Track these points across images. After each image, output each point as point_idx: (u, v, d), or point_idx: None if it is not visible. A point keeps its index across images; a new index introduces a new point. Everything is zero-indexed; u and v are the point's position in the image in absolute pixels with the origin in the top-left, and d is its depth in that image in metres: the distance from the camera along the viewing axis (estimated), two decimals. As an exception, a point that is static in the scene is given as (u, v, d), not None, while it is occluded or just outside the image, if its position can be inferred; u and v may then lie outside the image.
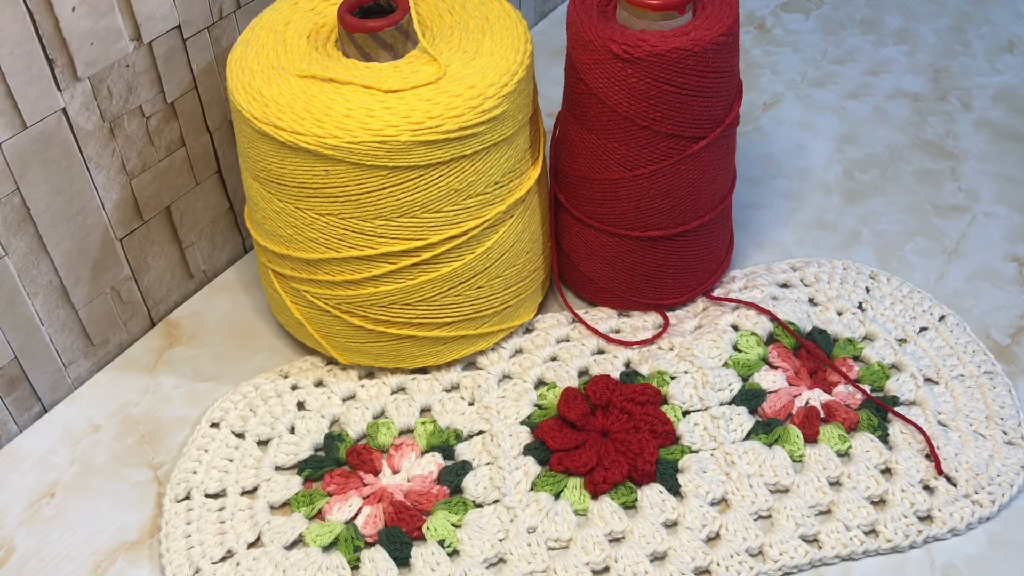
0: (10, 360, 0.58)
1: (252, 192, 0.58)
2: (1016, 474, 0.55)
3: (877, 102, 0.83)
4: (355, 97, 0.53)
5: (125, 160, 0.59)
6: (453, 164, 0.53)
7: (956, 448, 0.56)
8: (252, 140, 0.54)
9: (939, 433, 0.57)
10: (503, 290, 0.60)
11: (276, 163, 0.54)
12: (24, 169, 0.53)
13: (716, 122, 0.59)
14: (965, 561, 0.53)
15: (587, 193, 0.61)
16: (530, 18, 0.91)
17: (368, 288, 0.57)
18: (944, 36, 0.90)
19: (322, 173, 0.53)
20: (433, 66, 0.54)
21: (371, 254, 0.55)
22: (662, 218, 0.61)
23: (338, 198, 0.54)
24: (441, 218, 0.55)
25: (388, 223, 0.54)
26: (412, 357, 0.60)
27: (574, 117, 0.60)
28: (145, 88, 0.58)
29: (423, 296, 0.57)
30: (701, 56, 0.55)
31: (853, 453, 0.57)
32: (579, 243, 0.64)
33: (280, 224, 0.56)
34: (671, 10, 0.55)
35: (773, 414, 0.58)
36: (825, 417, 0.58)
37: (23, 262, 0.56)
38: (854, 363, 0.62)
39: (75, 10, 0.52)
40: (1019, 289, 0.67)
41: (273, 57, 0.55)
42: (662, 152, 0.58)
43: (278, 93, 0.53)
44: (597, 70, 0.57)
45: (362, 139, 0.51)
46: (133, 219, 0.61)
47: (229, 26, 0.62)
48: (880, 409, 0.58)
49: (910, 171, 0.77)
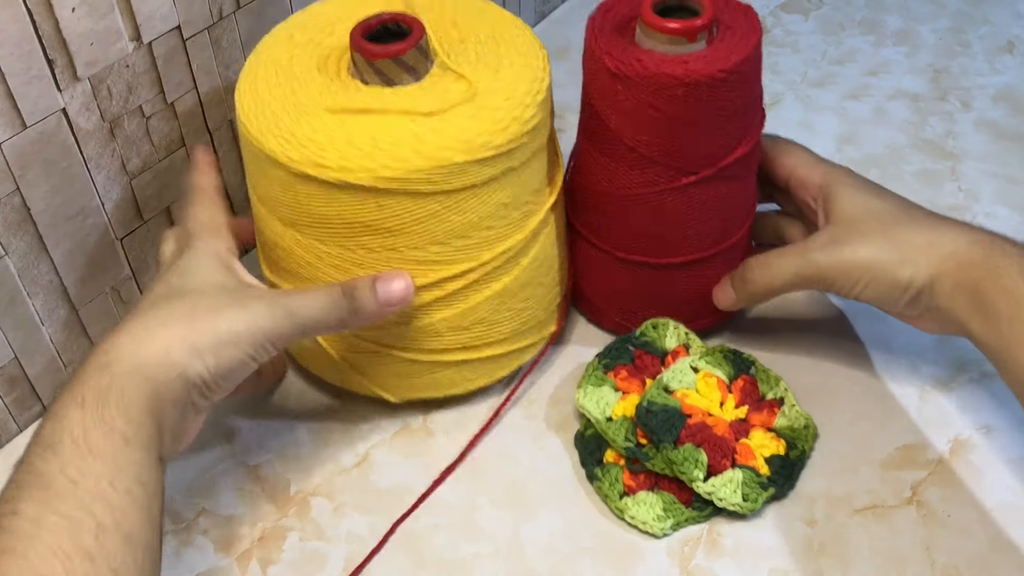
0: (10, 360, 0.58)
1: (285, 240, 0.54)
2: None
3: (877, 102, 0.83)
4: (397, 124, 0.50)
5: (125, 160, 0.59)
6: (502, 178, 0.52)
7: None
8: (288, 185, 0.51)
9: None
10: (544, 297, 0.60)
11: (321, 205, 0.51)
12: (24, 169, 0.53)
13: (711, 160, 0.56)
14: (965, 561, 0.53)
15: (581, 200, 0.61)
16: (530, 18, 0.91)
17: (422, 319, 0.55)
18: (944, 36, 0.90)
19: (374, 208, 0.51)
20: (462, 83, 0.53)
21: (426, 282, 0.54)
22: (645, 245, 0.60)
23: (392, 231, 0.51)
24: (493, 234, 0.54)
25: (443, 247, 0.53)
26: (465, 382, 0.59)
27: (581, 125, 0.59)
28: (145, 88, 0.58)
29: (477, 317, 0.56)
30: (692, 88, 0.53)
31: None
32: (571, 252, 0.63)
33: (323, 269, 0.54)
34: (679, 36, 0.53)
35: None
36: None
37: (23, 262, 0.56)
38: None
39: (75, 11, 0.52)
40: (1019, 289, 0.67)
41: (290, 95, 0.53)
42: (649, 178, 0.57)
43: (313, 132, 0.50)
44: (595, 81, 0.56)
45: (417, 166, 0.49)
46: (133, 219, 0.61)
47: (229, 26, 0.62)
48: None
49: (910, 171, 0.77)
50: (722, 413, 0.58)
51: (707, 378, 0.59)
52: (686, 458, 0.54)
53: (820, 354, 0.63)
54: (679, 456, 0.54)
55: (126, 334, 0.46)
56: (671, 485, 0.55)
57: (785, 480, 0.56)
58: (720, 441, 0.55)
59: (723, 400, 0.58)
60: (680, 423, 0.55)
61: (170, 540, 0.55)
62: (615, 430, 0.56)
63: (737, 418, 0.58)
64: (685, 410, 0.56)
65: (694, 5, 0.55)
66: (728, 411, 0.58)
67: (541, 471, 0.58)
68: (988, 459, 0.58)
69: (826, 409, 0.60)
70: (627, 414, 0.57)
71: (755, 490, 0.54)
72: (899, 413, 0.60)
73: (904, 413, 0.60)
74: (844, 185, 0.58)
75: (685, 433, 0.55)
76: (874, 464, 0.58)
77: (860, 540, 0.54)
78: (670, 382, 0.58)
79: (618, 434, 0.56)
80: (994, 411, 0.60)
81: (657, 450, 0.55)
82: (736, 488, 0.54)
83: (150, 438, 0.44)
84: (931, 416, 0.60)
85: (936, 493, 0.56)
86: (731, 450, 0.56)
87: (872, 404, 0.61)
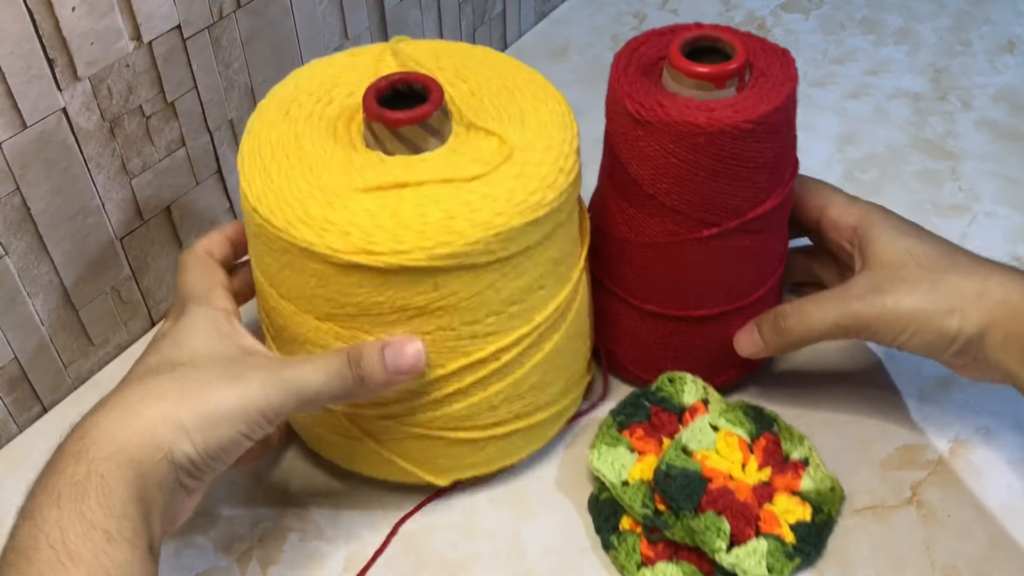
0: (10, 360, 0.58)
1: (320, 335, 0.49)
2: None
3: (877, 102, 0.83)
4: (442, 196, 0.46)
5: (125, 160, 0.59)
6: (553, 234, 0.49)
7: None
8: (327, 278, 0.47)
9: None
10: (585, 346, 0.57)
11: (368, 293, 0.47)
12: (24, 169, 0.53)
13: (736, 212, 0.53)
14: (965, 561, 0.53)
15: (600, 244, 0.57)
16: (530, 18, 0.91)
17: (477, 395, 0.51)
18: (944, 36, 0.90)
19: (430, 287, 0.47)
20: (491, 139, 0.50)
21: (483, 356, 0.50)
22: (664, 296, 0.56)
23: (447, 309, 0.48)
24: (545, 293, 0.51)
25: (499, 316, 0.49)
26: (515, 452, 0.56)
27: (603, 168, 0.57)
28: (145, 88, 0.58)
29: (531, 382, 0.53)
30: (716, 138, 0.49)
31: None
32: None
33: None
34: (706, 81, 0.50)
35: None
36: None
37: (23, 262, 0.56)
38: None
39: (75, 10, 0.52)
40: (1019, 289, 0.67)
41: (313, 178, 0.48)
42: (668, 227, 0.53)
43: (352, 216, 0.46)
44: (616, 124, 0.53)
45: (475, 237, 0.46)
46: (133, 219, 0.61)
47: (229, 26, 0.62)
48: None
49: (910, 171, 0.77)
50: (744, 476, 0.54)
51: (728, 437, 0.55)
52: (708, 527, 0.51)
53: (846, 402, 0.60)
54: (700, 525, 0.51)
55: (105, 414, 0.43)
56: (692, 555, 0.52)
57: (812, 548, 0.52)
58: (743, 508, 0.52)
59: (745, 461, 0.55)
60: (701, 488, 0.52)
61: (170, 540, 0.55)
62: (632, 495, 0.53)
63: (760, 481, 0.54)
64: (706, 473, 0.53)
65: (727, 48, 0.52)
66: (751, 473, 0.54)
67: (550, 540, 0.55)
68: (988, 459, 0.58)
69: (826, 409, 0.60)
70: (644, 478, 0.53)
71: (780, 560, 0.51)
72: (899, 413, 0.60)
73: (904, 413, 0.60)
74: (881, 227, 0.55)
75: (706, 499, 0.52)
76: (874, 464, 0.58)
77: (860, 540, 0.54)
78: (689, 442, 0.54)
79: (635, 500, 0.53)
80: (994, 411, 0.60)
81: (677, 518, 0.52)
82: (761, 559, 0.51)
83: (136, 530, 0.40)
84: (931, 416, 0.60)
85: (936, 493, 0.56)
86: (755, 517, 0.52)
87: (872, 404, 0.61)
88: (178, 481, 0.44)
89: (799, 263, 0.63)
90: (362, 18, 0.72)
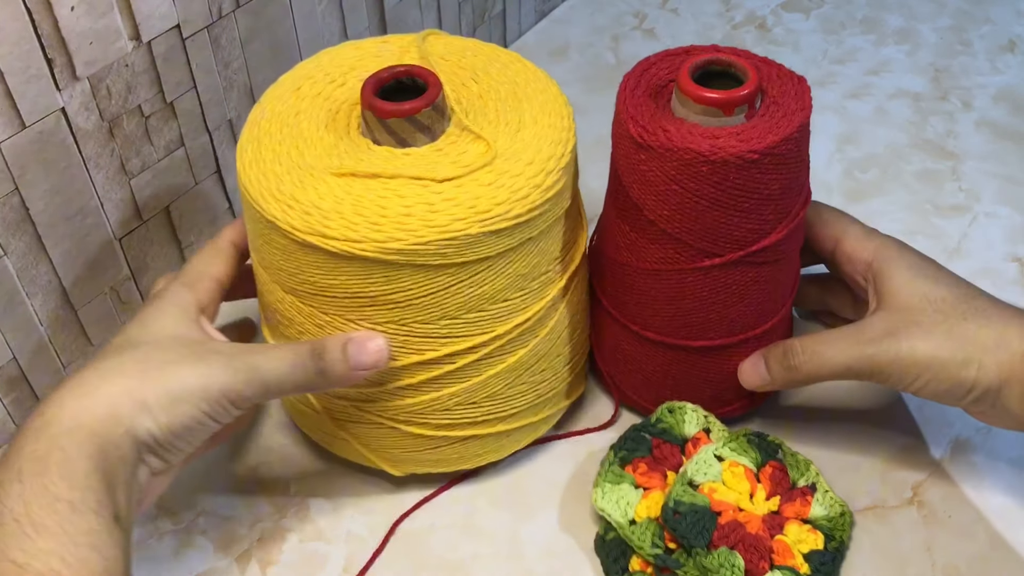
0: (9, 360, 0.58)
1: (284, 307, 0.51)
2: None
3: (878, 102, 0.83)
4: (409, 192, 0.47)
5: (124, 160, 0.59)
6: (520, 248, 0.49)
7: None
8: (290, 253, 0.48)
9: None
10: (564, 367, 0.56)
11: (323, 275, 0.48)
12: (23, 169, 0.53)
13: (739, 243, 0.51)
14: (966, 561, 0.53)
15: (602, 267, 0.57)
16: (530, 17, 0.91)
17: (430, 393, 0.52)
18: (945, 36, 0.90)
19: (381, 280, 0.47)
20: (480, 144, 0.49)
21: (434, 357, 0.50)
22: (664, 324, 0.55)
23: (398, 304, 0.48)
24: (508, 306, 0.50)
25: (454, 321, 0.49)
26: (474, 457, 0.56)
27: (608, 191, 0.55)
28: (144, 88, 0.58)
29: (489, 392, 0.53)
30: (719, 167, 0.48)
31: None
32: (592, 318, 0.59)
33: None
34: (714, 107, 0.48)
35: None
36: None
37: (22, 262, 0.56)
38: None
39: (74, 9, 0.52)
40: (1020, 289, 0.67)
41: (296, 155, 0.49)
42: (669, 255, 0.52)
43: (317, 197, 0.47)
44: (620, 147, 0.52)
45: (428, 239, 0.46)
46: (132, 219, 0.61)
47: (228, 25, 0.61)
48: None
49: (911, 171, 0.77)
50: (753, 507, 0.53)
51: (733, 468, 0.54)
52: (722, 564, 0.49)
53: (846, 403, 0.56)
54: (714, 562, 0.49)
55: (67, 390, 0.43)
56: None
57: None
58: (755, 541, 0.51)
59: (753, 491, 0.53)
60: (711, 524, 0.51)
61: (170, 540, 0.55)
62: (640, 535, 0.51)
63: (769, 511, 0.53)
64: (714, 507, 0.52)
65: (739, 73, 0.50)
66: (759, 504, 0.53)
67: (550, 541, 0.55)
68: (988, 459, 0.58)
69: (826, 410, 0.60)
70: (651, 515, 0.52)
71: None
72: (899, 413, 0.60)
73: (904, 413, 0.60)
74: (896, 265, 0.53)
75: (718, 534, 0.50)
76: (875, 464, 0.58)
77: (861, 540, 0.54)
78: (695, 475, 0.53)
79: (644, 539, 0.51)
80: (995, 411, 0.60)
81: (689, 555, 0.50)
82: None
83: (100, 501, 0.40)
84: (931, 416, 0.60)
85: (937, 493, 0.56)
86: (768, 550, 0.51)
87: (872, 404, 0.61)
88: (141, 458, 0.44)
89: (813, 291, 0.62)
90: (361, 18, 0.72)
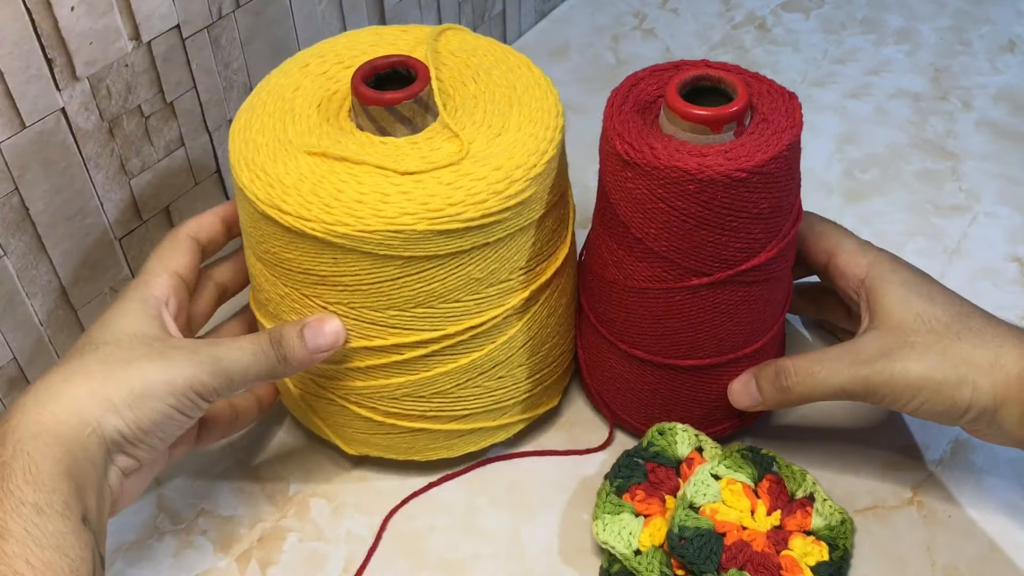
0: (9, 360, 0.58)
1: (255, 272, 0.53)
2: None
3: (878, 102, 0.83)
4: (368, 180, 0.48)
5: (124, 160, 0.59)
6: (474, 252, 0.49)
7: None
8: (255, 220, 0.50)
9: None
10: (526, 379, 0.56)
11: (280, 247, 0.49)
12: (23, 169, 0.53)
13: (727, 263, 0.50)
14: (966, 561, 0.53)
15: (589, 282, 0.56)
16: (530, 18, 0.91)
17: (378, 379, 0.52)
18: (945, 36, 0.90)
19: (330, 261, 0.48)
20: (455, 143, 0.50)
21: (382, 345, 0.51)
22: (651, 342, 0.54)
23: (347, 287, 0.49)
24: (460, 308, 0.50)
25: (402, 313, 0.50)
26: (425, 450, 0.56)
27: (596, 207, 0.54)
28: (144, 88, 0.58)
29: (438, 389, 0.53)
30: (706, 186, 0.47)
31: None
32: (579, 334, 0.59)
33: (284, 309, 0.52)
34: (701, 125, 0.48)
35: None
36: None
37: (22, 262, 0.56)
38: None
39: (74, 9, 0.52)
40: (1020, 289, 0.67)
41: (280, 129, 0.51)
42: (656, 273, 0.51)
43: (284, 172, 0.48)
44: (607, 163, 0.51)
45: (374, 228, 0.46)
46: (132, 219, 0.61)
47: (228, 25, 0.61)
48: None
49: (911, 171, 0.77)
50: (755, 523, 0.52)
51: (732, 485, 0.53)
52: None
53: (846, 403, 0.54)
54: None
55: (32, 395, 0.43)
56: None
57: None
58: (764, 559, 0.50)
59: (753, 508, 0.53)
60: (718, 546, 0.50)
61: (170, 540, 0.55)
62: (647, 564, 0.50)
63: (772, 526, 0.52)
64: (719, 528, 0.51)
65: (729, 89, 0.49)
66: (761, 520, 0.52)
67: (550, 541, 0.55)
68: (988, 459, 0.58)
69: (826, 409, 0.60)
70: (656, 543, 0.51)
71: None
72: (899, 413, 0.60)
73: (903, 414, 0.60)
74: (890, 282, 0.52)
75: (726, 557, 0.50)
76: (874, 465, 0.58)
77: (861, 540, 0.54)
78: (695, 498, 0.52)
79: (651, 569, 0.50)
80: (995, 411, 0.60)
81: None
82: None
83: (67, 503, 0.40)
84: (932, 416, 0.60)
85: (937, 493, 0.56)
86: (776, 567, 0.50)
87: (867, 415, 0.60)
88: (110, 458, 0.44)
89: (807, 301, 0.62)
90: (361, 18, 0.72)
